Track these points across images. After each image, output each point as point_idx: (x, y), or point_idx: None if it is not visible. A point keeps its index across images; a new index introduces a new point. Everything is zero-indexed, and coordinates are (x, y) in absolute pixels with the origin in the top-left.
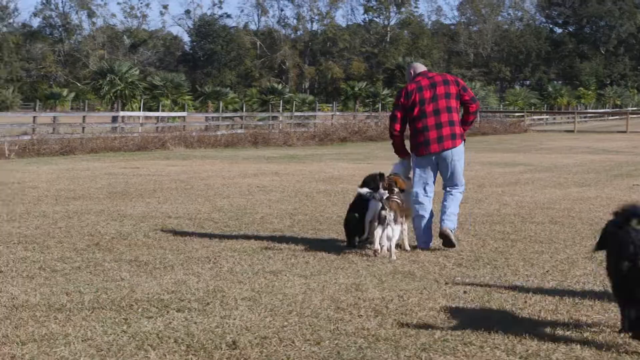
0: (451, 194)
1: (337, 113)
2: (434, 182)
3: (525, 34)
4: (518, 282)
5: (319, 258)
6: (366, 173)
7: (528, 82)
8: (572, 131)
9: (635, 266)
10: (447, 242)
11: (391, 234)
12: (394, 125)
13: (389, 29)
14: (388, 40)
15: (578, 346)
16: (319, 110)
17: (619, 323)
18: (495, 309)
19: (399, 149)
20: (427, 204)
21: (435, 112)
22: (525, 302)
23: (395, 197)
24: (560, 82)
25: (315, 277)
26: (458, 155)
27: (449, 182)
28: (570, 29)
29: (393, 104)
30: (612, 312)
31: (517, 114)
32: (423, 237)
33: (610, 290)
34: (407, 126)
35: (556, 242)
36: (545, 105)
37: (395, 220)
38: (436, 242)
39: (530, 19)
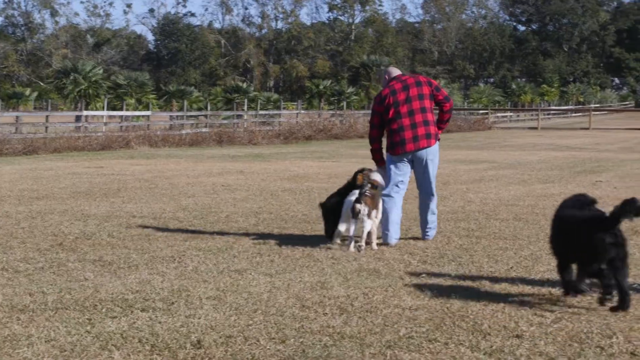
0: (429, 208)
1: (302, 111)
2: (407, 181)
3: (489, 31)
4: (483, 279)
5: (284, 256)
6: (331, 171)
7: (492, 80)
8: (535, 128)
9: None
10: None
11: (367, 227)
12: (372, 131)
13: (353, 27)
14: (352, 38)
15: (542, 342)
16: (284, 108)
17: (582, 317)
18: (460, 305)
19: (377, 158)
20: (397, 200)
21: (410, 112)
22: (490, 298)
23: (369, 193)
24: (523, 79)
25: (281, 276)
26: (433, 154)
27: (423, 186)
28: (534, 27)
29: (371, 110)
30: (574, 308)
31: (481, 112)
32: (392, 233)
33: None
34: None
35: (520, 238)
36: (509, 103)
37: (368, 215)
38: (401, 241)
39: (494, 17)
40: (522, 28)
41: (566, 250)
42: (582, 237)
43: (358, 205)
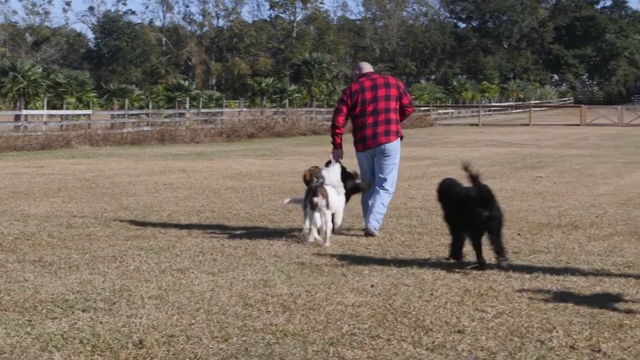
0: (379, 194)
1: (245, 109)
2: (372, 174)
3: (430, 29)
4: (425, 275)
5: (227, 255)
6: (274, 169)
7: (433, 77)
8: (477, 125)
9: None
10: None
11: (326, 218)
12: (338, 118)
13: (295, 25)
14: (294, 36)
15: (483, 337)
16: (226, 106)
17: (522, 312)
18: (403, 301)
19: (336, 140)
20: (368, 195)
21: (374, 112)
22: (432, 294)
23: (325, 186)
24: (464, 76)
25: (223, 274)
26: (392, 151)
27: (381, 179)
28: (474, 24)
29: (339, 99)
30: (515, 302)
31: (423, 108)
32: (373, 224)
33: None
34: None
35: None
36: (451, 100)
37: (327, 206)
38: (344, 238)
39: (435, 14)
40: (462, 25)
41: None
42: (465, 211)
43: (315, 199)
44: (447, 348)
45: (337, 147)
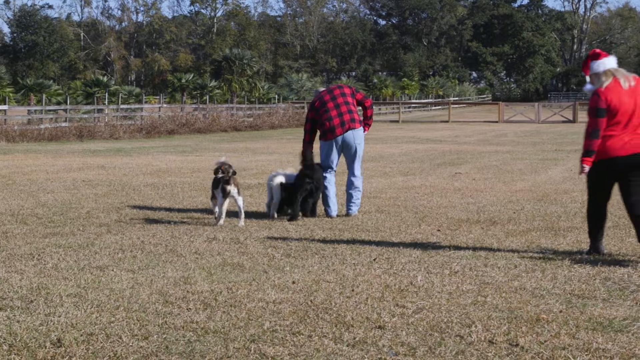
0: (354, 185)
1: (165, 105)
2: (336, 163)
3: (351, 25)
4: (346, 271)
5: (147, 252)
6: (195, 166)
7: (354, 74)
8: (397, 121)
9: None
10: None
11: (240, 203)
12: (305, 135)
13: (215, 21)
14: (215, 31)
15: (404, 332)
16: (146, 102)
17: (442, 308)
18: (324, 298)
19: (304, 147)
20: (331, 179)
21: (336, 106)
22: (353, 290)
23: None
24: (385, 73)
25: (143, 272)
26: (359, 138)
27: (351, 167)
28: (394, 21)
29: (305, 116)
30: (435, 298)
31: None
32: (332, 208)
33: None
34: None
35: (382, 230)
36: (371, 96)
37: (238, 193)
38: (265, 234)
39: (355, 11)
40: (382, 22)
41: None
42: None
43: (228, 187)
44: (368, 344)
45: (305, 149)
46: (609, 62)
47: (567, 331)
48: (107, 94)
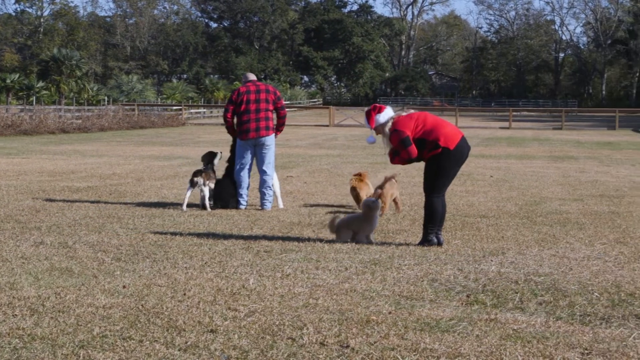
0: (266, 183)
1: None
2: (251, 162)
3: (182, 27)
4: (177, 275)
5: None
6: (21, 168)
7: (185, 76)
8: None
9: None
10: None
11: (205, 193)
12: (227, 115)
13: (42, 20)
14: (42, 31)
15: (236, 335)
16: None
17: (274, 310)
18: (155, 302)
19: (231, 131)
20: (245, 177)
21: (257, 110)
22: (185, 294)
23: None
24: (216, 76)
25: None
26: (270, 142)
27: (262, 167)
28: (226, 24)
29: (228, 99)
30: (267, 301)
31: (175, 108)
32: (242, 201)
33: None
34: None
35: (215, 233)
36: (203, 99)
37: (204, 184)
38: (95, 238)
39: (187, 13)
40: (214, 25)
41: None
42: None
43: (196, 178)
44: (200, 348)
45: (233, 135)
46: (389, 113)
47: (396, 332)
48: None
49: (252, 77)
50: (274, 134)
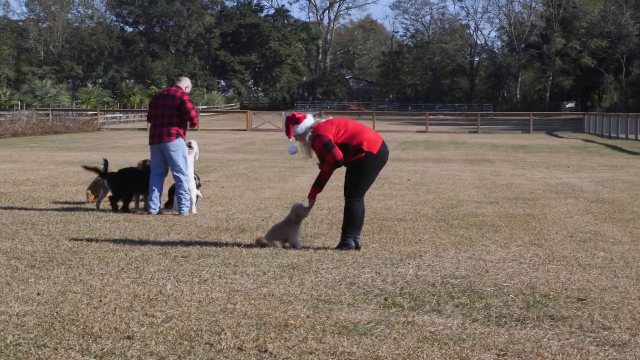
0: (181, 188)
1: None
2: (164, 167)
3: (97, 32)
4: (93, 281)
5: None
6: None
7: (100, 81)
8: (145, 129)
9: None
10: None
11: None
12: (148, 118)
13: None
14: None
15: (153, 342)
16: None
17: (192, 316)
18: (70, 309)
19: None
20: (155, 181)
21: (161, 116)
22: (101, 300)
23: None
24: (132, 80)
25: None
26: (174, 147)
27: (174, 171)
28: (141, 28)
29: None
30: (184, 307)
31: (90, 112)
32: (152, 205)
33: None
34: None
35: (131, 239)
36: (119, 104)
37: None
38: (8, 245)
39: (101, 18)
40: (129, 29)
41: None
42: None
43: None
44: (116, 355)
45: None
46: (308, 121)
47: (314, 336)
48: None
49: (178, 82)
50: (178, 140)
